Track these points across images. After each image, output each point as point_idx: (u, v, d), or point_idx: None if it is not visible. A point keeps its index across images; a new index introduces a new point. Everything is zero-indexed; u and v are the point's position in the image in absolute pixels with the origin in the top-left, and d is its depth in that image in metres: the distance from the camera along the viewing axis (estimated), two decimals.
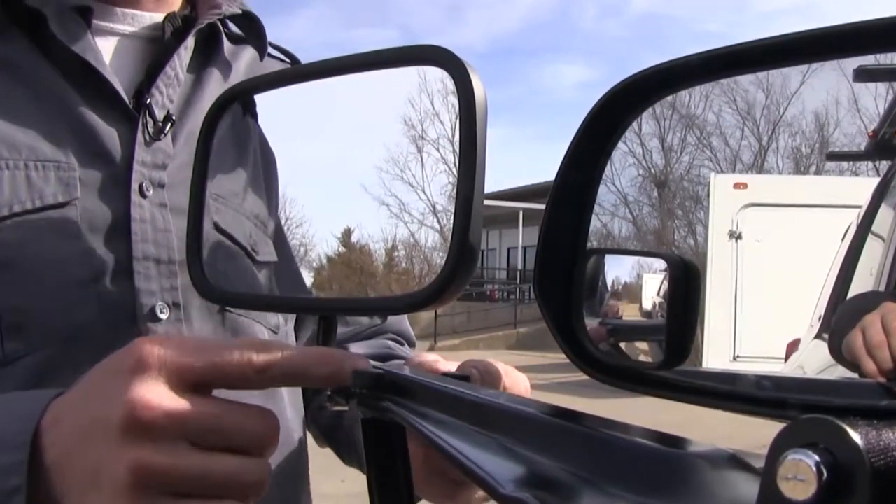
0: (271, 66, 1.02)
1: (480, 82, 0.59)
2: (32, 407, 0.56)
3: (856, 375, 0.60)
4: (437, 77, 0.63)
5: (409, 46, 0.66)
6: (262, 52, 0.99)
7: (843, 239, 0.90)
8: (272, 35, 1.07)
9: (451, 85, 0.60)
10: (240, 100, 0.79)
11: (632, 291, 0.65)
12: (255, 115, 0.95)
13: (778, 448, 0.28)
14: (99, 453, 0.52)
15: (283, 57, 1.06)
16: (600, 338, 0.59)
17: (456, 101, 0.60)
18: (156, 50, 0.89)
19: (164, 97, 0.87)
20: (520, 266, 26.93)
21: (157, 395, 0.53)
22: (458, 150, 0.59)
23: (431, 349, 15.50)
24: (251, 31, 0.98)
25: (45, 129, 0.80)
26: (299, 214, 0.84)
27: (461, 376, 0.67)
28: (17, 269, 0.76)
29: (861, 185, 0.90)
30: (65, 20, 0.83)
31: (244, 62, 0.98)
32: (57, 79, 0.82)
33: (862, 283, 0.86)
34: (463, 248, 0.58)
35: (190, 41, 0.90)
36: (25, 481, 0.53)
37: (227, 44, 0.97)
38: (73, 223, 0.79)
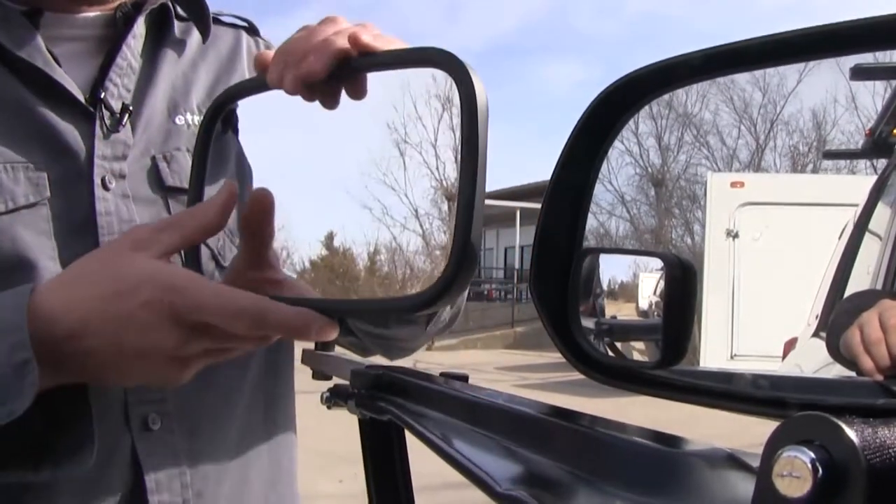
0: (223, 35, 1.02)
1: (482, 87, 0.59)
2: (15, 300, 0.65)
3: (853, 373, 0.60)
4: (421, 81, 0.63)
5: (412, 48, 0.66)
6: (204, 34, 0.98)
7: (840, 237, 0.90)
8: (269, 35, 1.07)
9: (443, 88, 0.61)
10: (236, 101, 0.79)
11: (628, 291, 0.65)
12: (235, 131, 0.95)
13: (774, 445, 0.28)
14: (144, 337, 0.64)
15: (238, 22, 1.06)
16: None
17: (451, 107, 0.60)
18: (109, 43, 0.90)
19: (120, 88, 0.88)
20: (517, 265, 26.90)
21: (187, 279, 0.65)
22: (459, 153, 0.60)
23: (429, 349, 15.49)
24: (194, 11, 0.99)
25: (11, 133, 0.82)
26: (280, 218, 0.85)
27: (459, 376, 0.67)
28: None
29: (858, 184, 0.90)
30: (11, 27, 0.84)
31: (195, 40, 0.99)
32: (14, 83, 0.84)
33: (859, 281, 0.86)
34: (464, 249, 0.59)
35: (138, 28, 0.91)
36: (33, 356, 0.62)
37: (177, 25, 0.97)
38: (45, 222, 0.81)
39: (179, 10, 0.98)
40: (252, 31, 1.07)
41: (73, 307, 0.64)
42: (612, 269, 0.64)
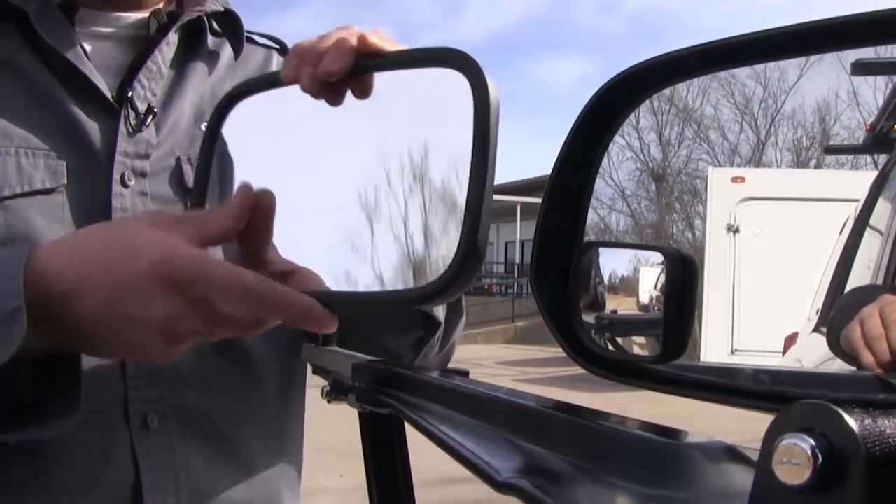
0: (255, 54, 1.04)
1: (496, 88, 0.60)
2: (15, 252, 0.65)
3: (854, 368, 0.60)
4: None
5: (428, 48, 0.67)
6: (237, 51, 1.00)
7: (840, 232, 0.90)
8: (269, 30, 1.08)
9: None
10: (246, 97, 0.80)
11: (629, 285, 0.65)
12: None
13: (774, 432, 0.28)
14: (138, 303, 0.62)
15: (271, 44, 1.07)
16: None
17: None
18: (140, 46, 0.92)
19: (147, 90, 0.89)
20: (517, 260, 26.90)
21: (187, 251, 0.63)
22: (471, 151, 0.59)
23: None
24: (229, 28, 1.00)
25: (35, 121, 0.83)
26: None
27: (459, 371, 0.67)
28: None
29: (859, 179, 0.90)
30: (48, 18, 0.86)
31: (227, 56, 1.00)
32: (45, 73, 0.85)
33: (860, 276, 0.86)
34: (471, 245, 0.59)
35: (172, 37, 0.93)
36: (24, 304, 0.61)
37: (210, 38, 0.99)
38: (60, 209, 0.82)
39: (215, 25, 1.00)
40: (284, 52, 1.08)
41: (75, 265, 0.64)
42: (612, 263, 0.64)
